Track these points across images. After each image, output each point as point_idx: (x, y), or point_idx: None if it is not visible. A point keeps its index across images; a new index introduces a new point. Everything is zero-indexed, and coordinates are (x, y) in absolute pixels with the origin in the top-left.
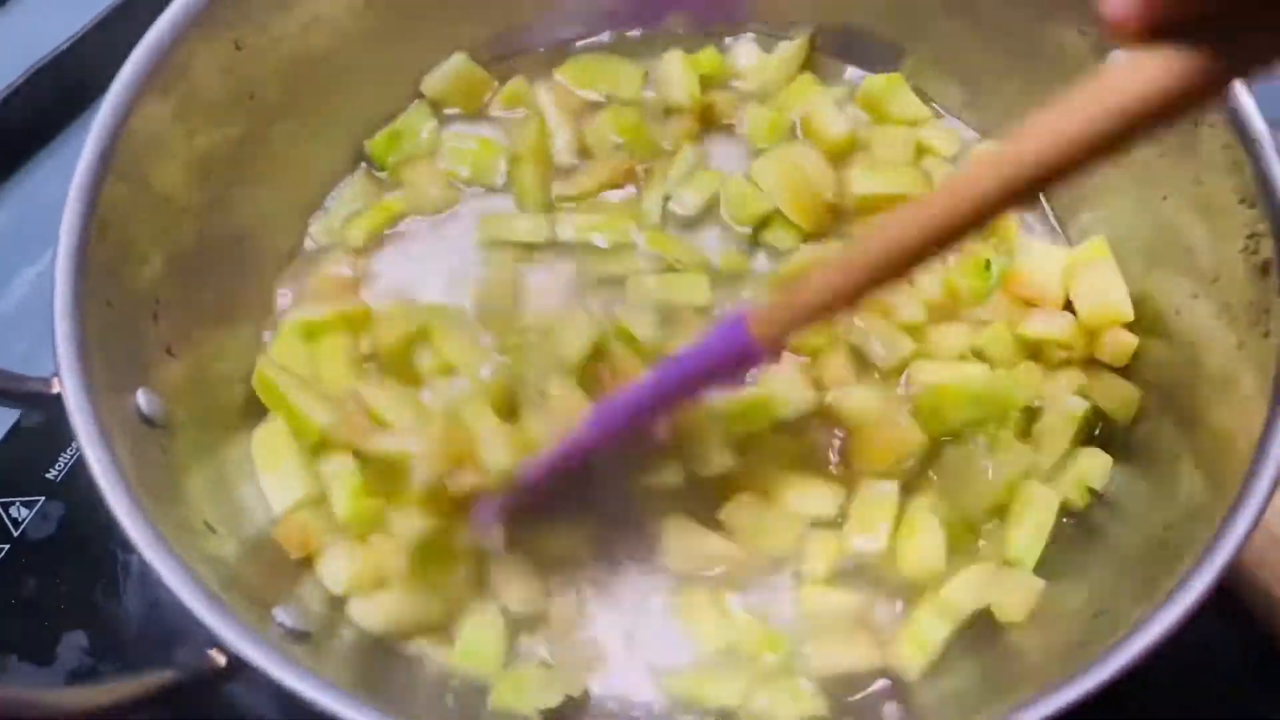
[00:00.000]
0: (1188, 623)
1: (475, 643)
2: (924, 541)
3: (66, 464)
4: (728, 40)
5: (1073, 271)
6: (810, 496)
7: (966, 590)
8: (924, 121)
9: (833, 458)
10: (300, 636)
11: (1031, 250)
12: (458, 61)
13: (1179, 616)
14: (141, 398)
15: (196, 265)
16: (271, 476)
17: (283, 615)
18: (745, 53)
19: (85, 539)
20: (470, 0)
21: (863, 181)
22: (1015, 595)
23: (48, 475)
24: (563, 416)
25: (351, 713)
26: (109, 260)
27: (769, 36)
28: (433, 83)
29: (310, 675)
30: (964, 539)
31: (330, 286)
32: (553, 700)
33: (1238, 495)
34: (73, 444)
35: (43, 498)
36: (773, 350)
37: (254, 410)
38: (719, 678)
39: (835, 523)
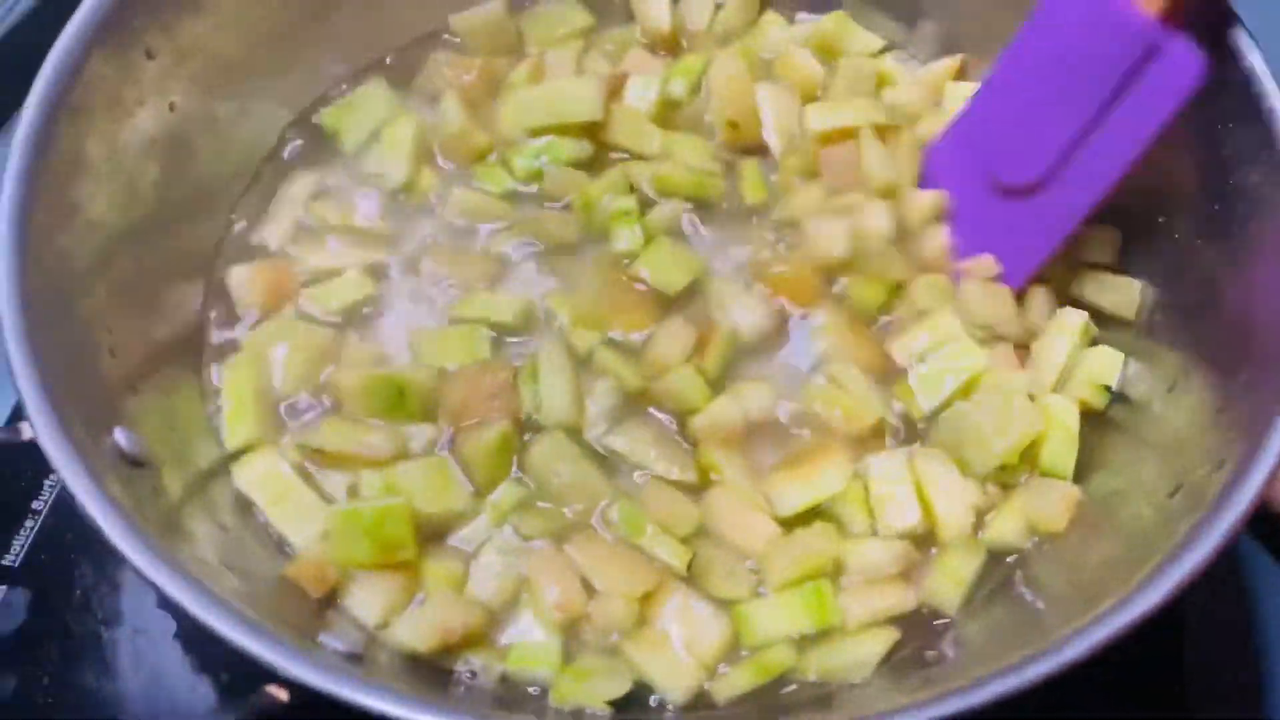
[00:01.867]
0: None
1: (530, 644)
2: (947, 503)
3: (24, 543)
4: None
5: None
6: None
7: (1002, 524)
8: (877, 53)
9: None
10: (354, 659)
11: None
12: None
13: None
14: (120, 436)
15: (140, 288)
16: (281, 509)
17: (332, 641)
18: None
19: (61, 622)
20: None
21: (823, 117)
22: (1055, 506)
23: (3, 561)
24: None
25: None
26: (50, 292)
27: None
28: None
29: (387, 689)
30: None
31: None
32: (620, 689)
33: None
34: (27, 520)
35: (3, 586)
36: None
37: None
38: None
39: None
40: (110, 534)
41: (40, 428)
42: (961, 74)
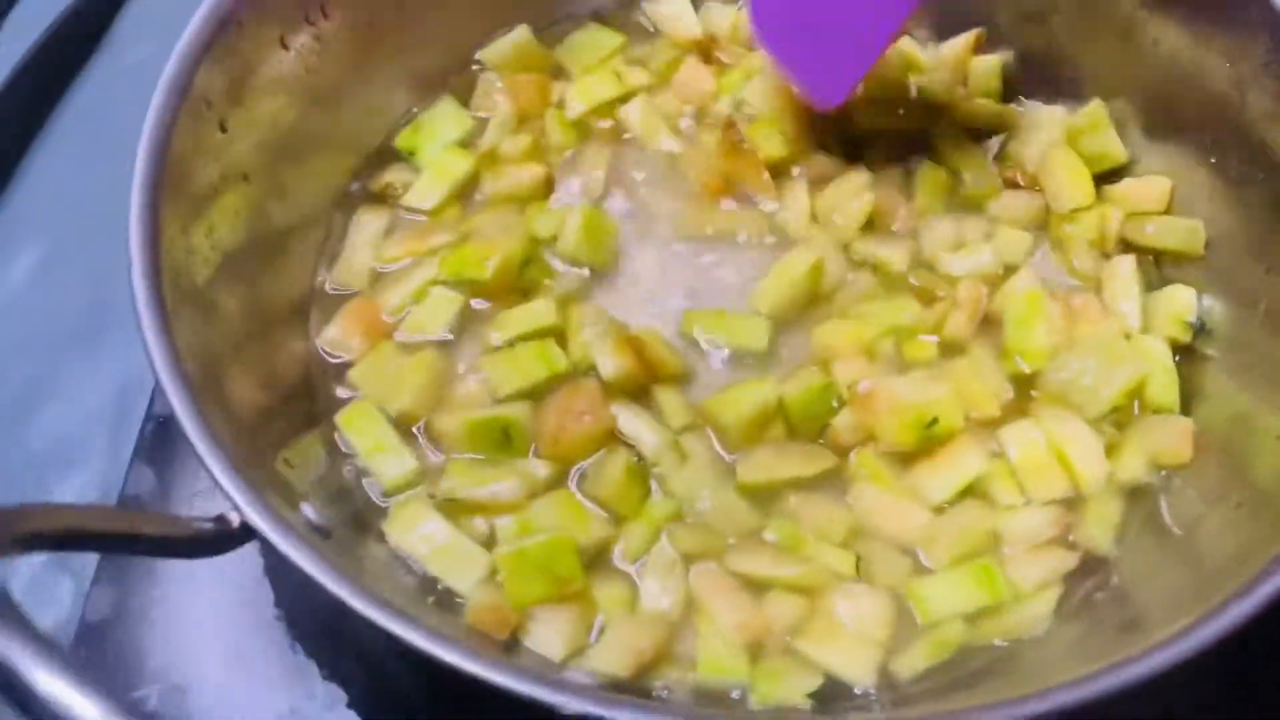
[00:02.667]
0: None
1: (716, 653)
2: (1083, 454)
3: None
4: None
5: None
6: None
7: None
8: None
9: None
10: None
11: None
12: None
13: None
14: (307, 510)
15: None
16: (443, 561)
17: None
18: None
19: None
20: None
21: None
22: (1174, 439)
23: None
24: None
25: None
26: (206, 382)
27: None
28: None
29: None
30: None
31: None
32: (815, 683)
33: None
34: None
35: None
36: None
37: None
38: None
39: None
40: (358, 606)
41: (254, 517)
42: (980, 48)
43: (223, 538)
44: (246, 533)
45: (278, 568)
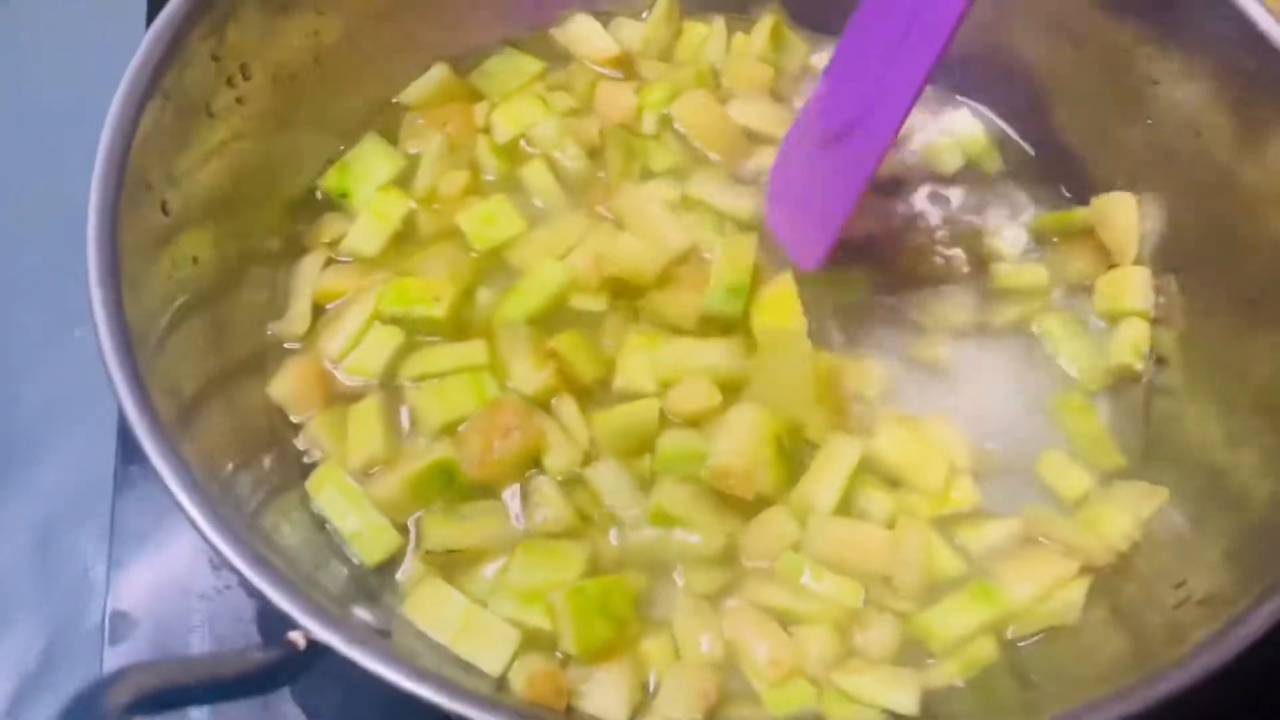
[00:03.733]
0: None
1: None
2: None
3: None
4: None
5: None
6: None
7: None
8: None
9: None
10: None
11: None
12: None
13: None
14: (361, 613)
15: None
16: (470, 642)
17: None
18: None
19: None
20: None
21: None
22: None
23: None
24: None
25: None
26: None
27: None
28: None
29: None
30: None
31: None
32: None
33: None
34: None
35: None
36: None
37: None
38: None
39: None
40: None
41: (314, 629)
42: None
43: (295, 662)
44: (313, 653)
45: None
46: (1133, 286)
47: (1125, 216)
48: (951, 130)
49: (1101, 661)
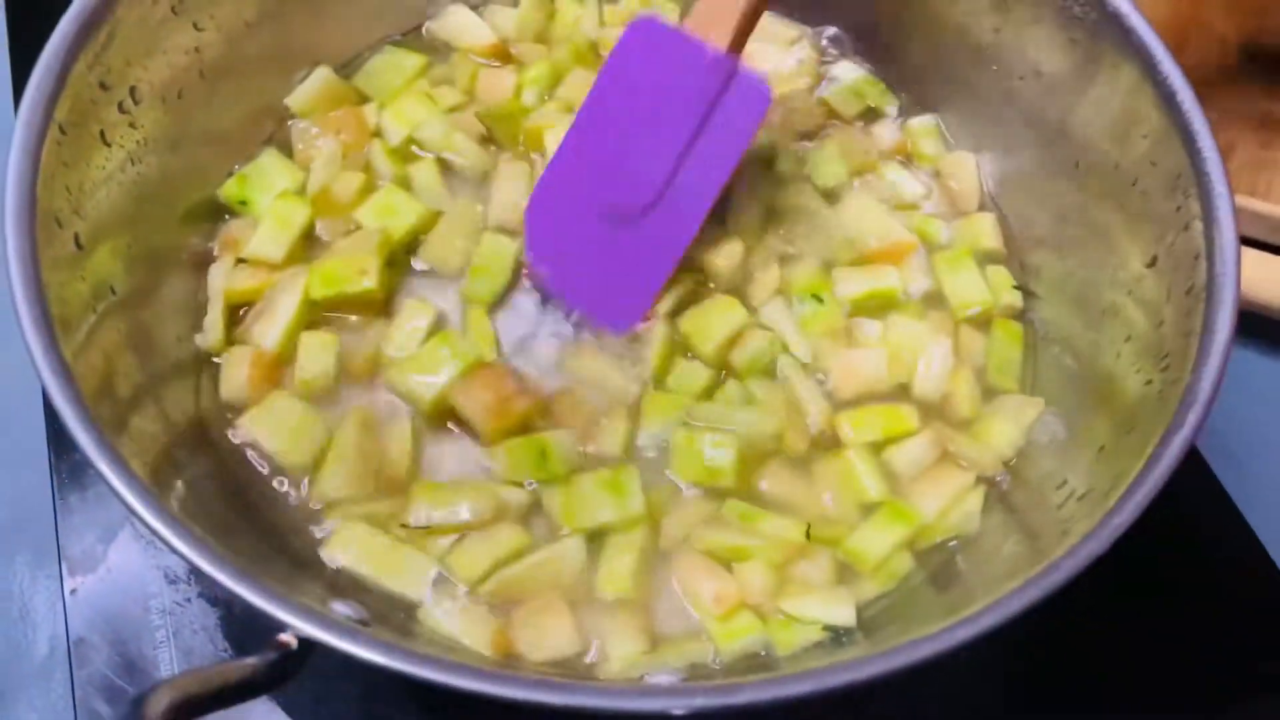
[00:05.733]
0: None
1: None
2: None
3: None
4: None
5: None
6: None
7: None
8: None
9: None
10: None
11: None
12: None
13: None
14: (341, 607)
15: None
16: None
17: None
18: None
19: None
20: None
21: None
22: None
23: None
24: None
25: None
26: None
27: None
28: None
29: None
30: None
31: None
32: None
33: None
34: None
35: None
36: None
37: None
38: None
39: None
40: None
41: (307, 629)
42: None
43: (292, 661)
44: (305, 651)
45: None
46: (984, 230)
47: (967, 171)
48: (839, 78)
49: (1003, 561)
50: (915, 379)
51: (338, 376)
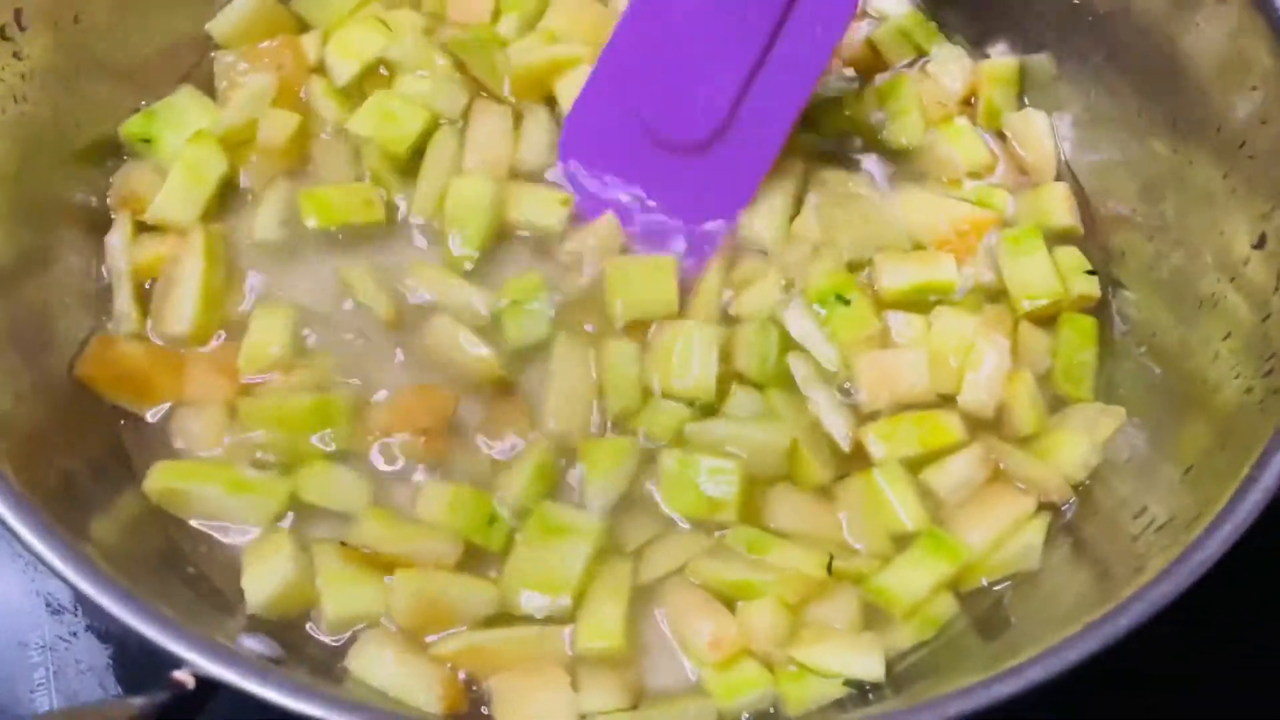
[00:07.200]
0: None
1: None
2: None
3: None
4: None
5: None
6: None
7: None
8: None
9: None
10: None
11: None
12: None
13: None
14: (250, 641)
15: None
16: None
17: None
18: None
19: None
20: None
21: None
22: None
23: None
24: None
25: None
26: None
27: None
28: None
29: None
30: None
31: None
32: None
33: None
34: None
35: None
36: None
37: None
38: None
39: None
40: None
41: (206, 665)
42: None
43: (186, 704)
44: (204, 692)
45: None
46: (1057, 203)
47: (1039, 131)
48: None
49: (1065, 605)
50: (963, 386)
51: None
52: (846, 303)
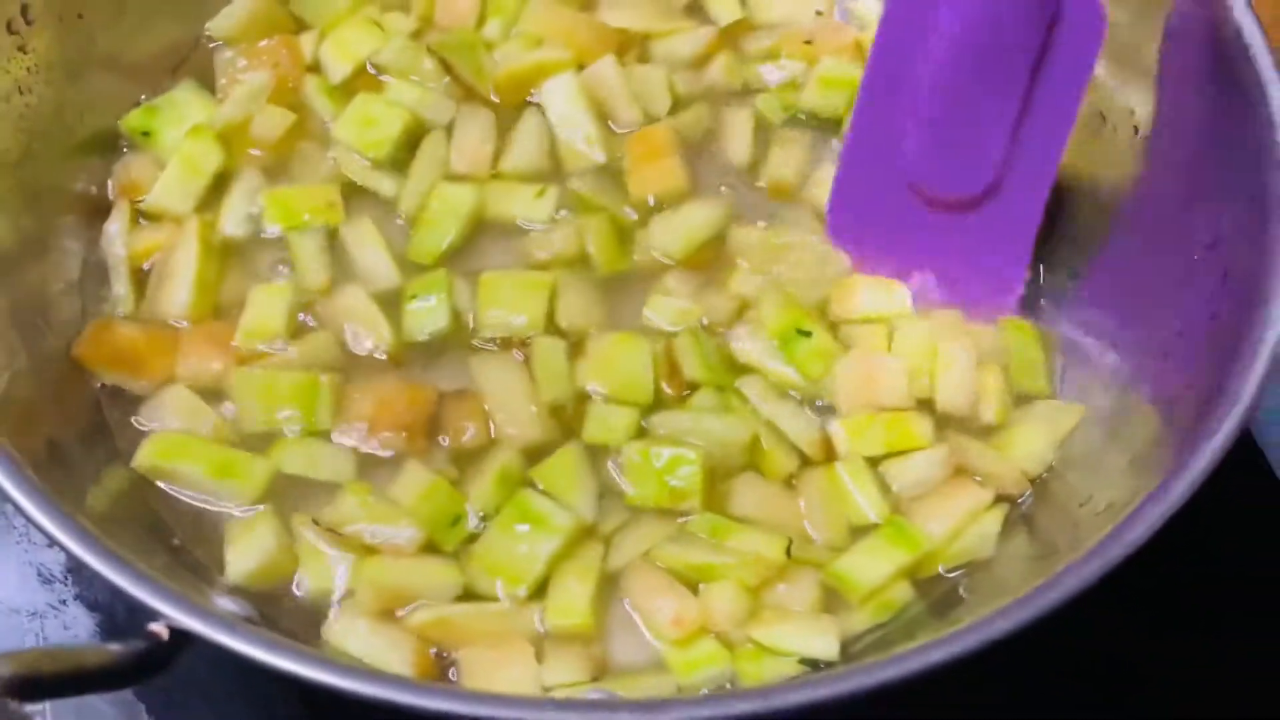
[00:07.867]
0: None
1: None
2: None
3: None
4: None
5: None
6: None
7: None
8: None
9: None
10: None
11: None
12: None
13: None
14: (227, 603)
15: None
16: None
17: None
18: None
19: None
20: None
21: None
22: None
23: None
24: None
25: None
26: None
27: None
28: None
29: None
30: None
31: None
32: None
33: None
34: None
35: None
36: None
37: None
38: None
39: None
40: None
41: (179, 617)
42: None
43: (160, 655)
44: (178, 644)
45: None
46: None
47: None
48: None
49: (1015, 590)
50: (938, 388)
51: None
52: (808, 334)
